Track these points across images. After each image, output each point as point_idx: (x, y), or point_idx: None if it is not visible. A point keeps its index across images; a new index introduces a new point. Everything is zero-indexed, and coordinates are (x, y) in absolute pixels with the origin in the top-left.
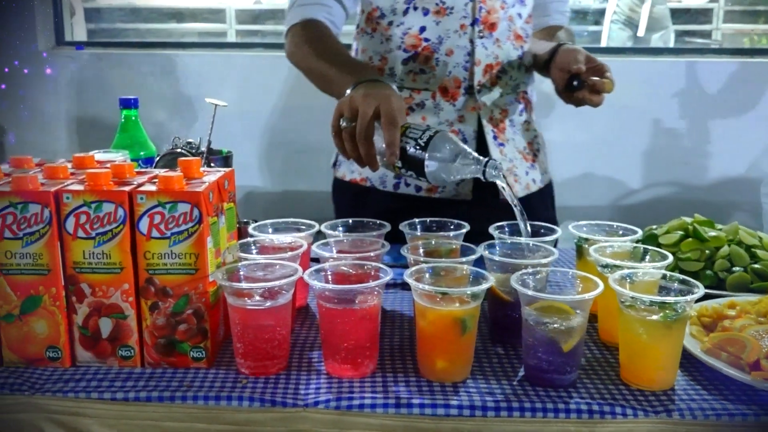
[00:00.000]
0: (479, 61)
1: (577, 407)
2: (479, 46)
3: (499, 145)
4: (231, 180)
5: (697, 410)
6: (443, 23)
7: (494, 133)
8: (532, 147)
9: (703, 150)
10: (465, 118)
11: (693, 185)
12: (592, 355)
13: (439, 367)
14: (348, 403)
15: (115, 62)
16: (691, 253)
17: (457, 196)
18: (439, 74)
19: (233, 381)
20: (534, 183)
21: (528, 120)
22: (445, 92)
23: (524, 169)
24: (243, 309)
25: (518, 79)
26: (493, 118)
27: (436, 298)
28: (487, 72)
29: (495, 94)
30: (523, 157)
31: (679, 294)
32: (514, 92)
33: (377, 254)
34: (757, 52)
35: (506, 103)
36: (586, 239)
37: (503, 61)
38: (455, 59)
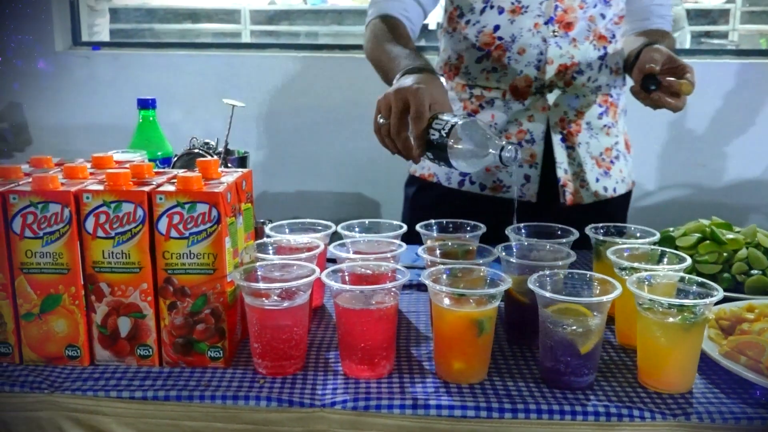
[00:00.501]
0: (551, 60)
1: (595, 409)
2: (552, 46)
3: (567, 147)
4: (248, 180)
5: (716, 414)
6: (517, 22)
7: (563, 135)
8: (610, 153)
9: (719, 152)
10: (534, 118)
11: (710, 187)
12: (609, 357)
13: (456, 368)
14: (365, 404)
15: (132, 62)
16: (709, 255)
17: (521, 197)
18: (510, 73)
19: (251, 381)
20: (604, 191)
21: (610, 124)
22: (515, 91)
23: (595, 175)
24: (261, 309)
25: (600, 81)
26: (565, 119)
27: (453, 300)
28: (561, 72)
29: (569, 95)
30: (596, 163)
31: (697, 297)
32: (594, 94)
33: (394, 255)
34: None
35: (583, 105)
36: (603, 241)
37: (580, 62)
38: (527, 58)
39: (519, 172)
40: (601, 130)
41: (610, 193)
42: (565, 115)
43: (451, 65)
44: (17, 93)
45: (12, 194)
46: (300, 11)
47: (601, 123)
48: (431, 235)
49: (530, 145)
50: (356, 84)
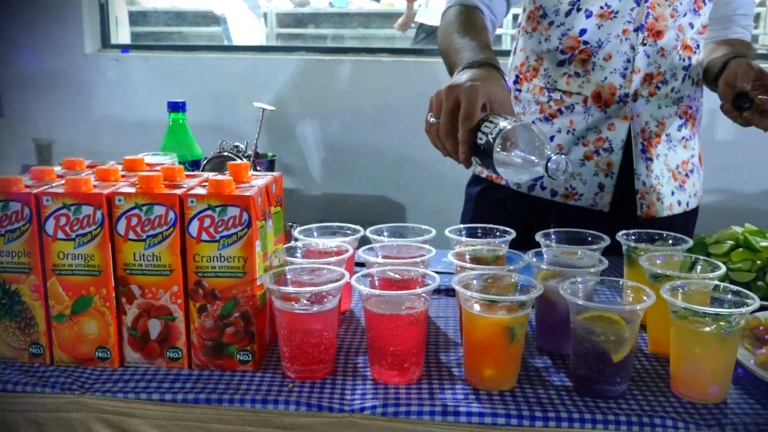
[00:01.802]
0: (639, 69)
1: (627, 419)
2: (641, 54)
3: (646, 159)
4: (279, 184)
5: (752, 425)
6: (605, 27)
7: (643, 146)
8: (686, 166)
9: (753, 157)
10: (615, 127)
11: (743, 193)
12: (641, 365)
13: (486, 375)
14: (395, 410)
15: (161, 65)
16: (742, 263)
17: (594, 206)
18: (594, 79)
19: (280, 384)
20: (678, 205)
21: (688, 137)
22: (598, 98)
23: (671, 188)
24: (290, 313)
25: (682, 92)
26: (646, 130)
27: (484, 306)
28: (646, 81)
29: (653, 106)
30: (672, 176)
31: (732, 306)
32: (675, 105)
33: (424, 260)
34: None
35: (665, 116)
36: (635, 248)
37: (666, 71)
38: (613, 65)
39: (593, 180)
40: (679, 142)
41: (683, 207)
42: (646, 125)
43: (529, 66)
44: (47, 95)
45: (45, 196)
46: (326, 14)
47: (680, 135)
48: (461, 239)
49: (608, 154)
50: (382, 87)
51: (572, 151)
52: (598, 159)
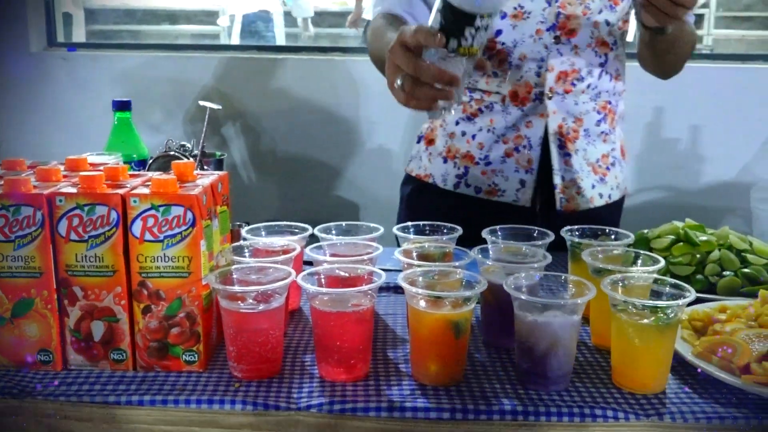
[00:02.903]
0: (552, 67)
1: (569, 410)
2: (554, 53)
3: (564, 155)
4: (225, 183)
5: (688, 413)
6: (519, 27)
7: (561, 142)
8: (607, 160)
9: (695, 155)
10: (533, 124)
11: (686, 190)
12: (584, 358)
13: (432, 370)
14: (341, 407)
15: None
16: (683, 257)
17: (516, 201)
18: (510, 78)
19: (226, 384)
20: (600, 198)
21: (607, 131)
22: (515, 97)
23: (591, 182)
24: (236, 312)
25: (600, 88)
26: (564, 126)
27: (429, 302)
28: (561, 79)
29: (569, 102)
30: (592, 170)
31: (670, 298)
32: (593, 101)
33: (371, 257)
34: (747, 58)
35: (582, 112)
36: (579, 243)
37: (581, 68)
38: (528, 64)
39: (515, 177)
40: (598, 137)
41: (605, 200)
42: (563, 121)
43: None
44: None
45: None
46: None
47: (599, 130)
48: (408, 237)
49: (527, 151)
50: (336, 86)
51: (493, 149)
52: (518, 156)
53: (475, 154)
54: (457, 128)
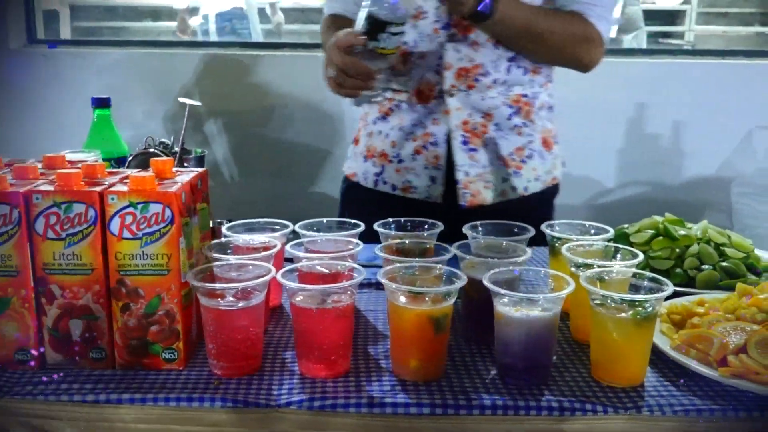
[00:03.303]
0: (450, 65)
1: (549, 404)
2: (450, 50)
3: (469, 150)
4: (204, 180)
5: (666, 406)
6: (419, 27)
7: (465, 138)
8: (522, 153)
9: (677, 150)
10: (438, 121)
11: (668, 184)
12: (564, 352)
13: (412, 366)
14: (321, 403)
15: (90, 61)
16: (662, 251)
17: (429, 198)
18: (414, 77)
19: (206, 382)
20: (514, 191)
21: (521, 124)
22: (420, 95)
23: (502, 175)
24: (216, 310)
25: (510, 82)
26: (469, 122)
27: (409, 298)
28: (461, 76)
29: (475, 98)
30: (503, 163)
31: (649, 292)
32: (503, 95)
33: (351, 254)
34: (728, 53)
35: (491, 106)
36: (559, 238)
37: (484, 64)
38: (427, 63)
39: (425, 173)
40: (511, 130)
41: (520, 192)
42: (469, 117)
43: None
44: None
45: None
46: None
47: (511, 123)
48: (389, 233)
49: (434, 148)
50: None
51: (405, 147)
52: (426, 153)
53: (389, 153)
54: (375, 127)
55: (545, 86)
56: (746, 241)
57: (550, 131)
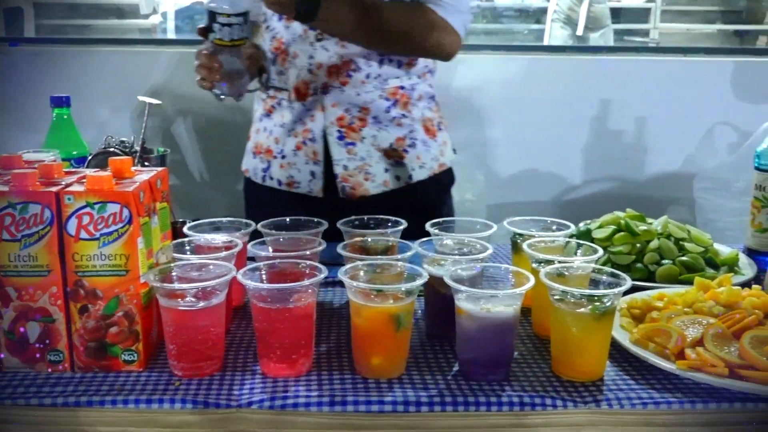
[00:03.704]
0: (320, 64)
1: (509, 400)
2: (319, 49)
3: (347, 144)
4: (164, 179)
5: (625, 400)
6: (291, 28)
7: (341, 133)
8: (403, 143)
9: (641, 146)
10: (315, 118)
11: (632, 180)
12: (525, 348)
13: (374, 363)
14: (282, 403)
15: (52, 59)
16: (623, 246)
17: (310, 192)
18: (291, 76)
19: (166, 383)
20: (398, 180)
21: (400, 116)
22: (298, 93)
23: (383, 166)
24: (175, 310)
25: (384, 75)
26: (345, 117)
27: (370, 296)
28: (333, 73)
29: (349, 94)
30: (384, 155)
31: (608, 287)
32: (378, 89)
33: (313, 252)
34: (690, 51)
35: (367, 101)
36: (521, 234)
37: (354, 60)
38: (300, 62)
39: (306, 168)
40: (390, 122)
41: (405, 181)
42: (345, 113)
43: None
44: None
45: None
46: None
47: (389, 116)
48: (352, 231)
49: (313, 144)
50: None
51: (287, 143)
52: (306, 149)
53: (273, 149)
54: (261, 124)
55: (424, 77)
56: (705, 236)
57: (431, 120)
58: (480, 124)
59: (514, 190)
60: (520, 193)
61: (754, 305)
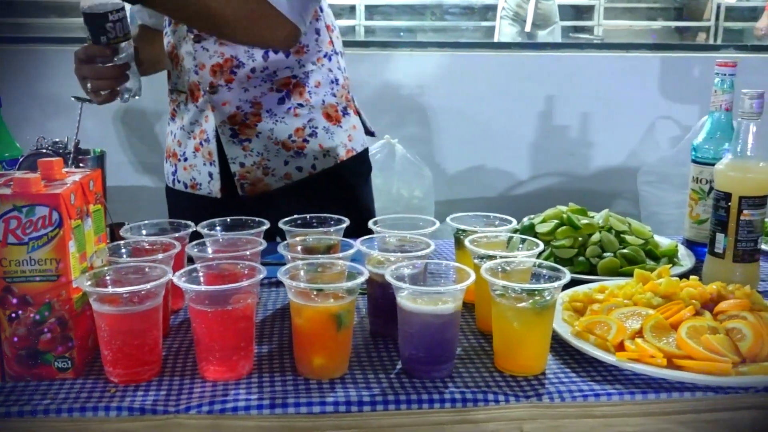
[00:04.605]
0: (203, 64)
1: (452, 396)
2: (199, 51)
3: (241, 141)
4: (97, 180)
5: (566, 392)
6: (177, 32)
7: (234, 131)
8: (302, 133)
9: (586, 141)
10: (209, 118)
11: (578, 175)
12: (469, 344)
13: (316, 364)
14: (221, 407)
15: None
16: (565, 240)
17: (210, 193)
18: (183, 79)
19: (102, 390)
20: (299, 171)
21: (296, 105)
22: (192, 94)
23: (283, 158)
24: (109, 315)
25: (272, 68)
26: (238, 114)
27: (310, 295)
28: (217, 72)
29: (237, 91)
30: (282, 147)
31: (548, 281)
32: (267, 82)
33: (253, 253)
34: (632, 47)
35: (257, 96)
36: (464, 230)
37: (236, 56)
38: (187, 64)
39: (204, 170)
40: (286, 113)
41: (308, 170)
42: (238, 110)
43: None
44: None
45: None
46: None
47: (284, 108)
48: (294, 230)
49: (207, 144)
50: None
51: (187, 145)
52: (203, 149)
53: (178, 152)
54: (168, 128)
55: (319, 62)
56: (645, 228)
57: (334, 106)
58: (427, 121)
59: (462, 186)
60: (468, 190)
61: (691, 296)
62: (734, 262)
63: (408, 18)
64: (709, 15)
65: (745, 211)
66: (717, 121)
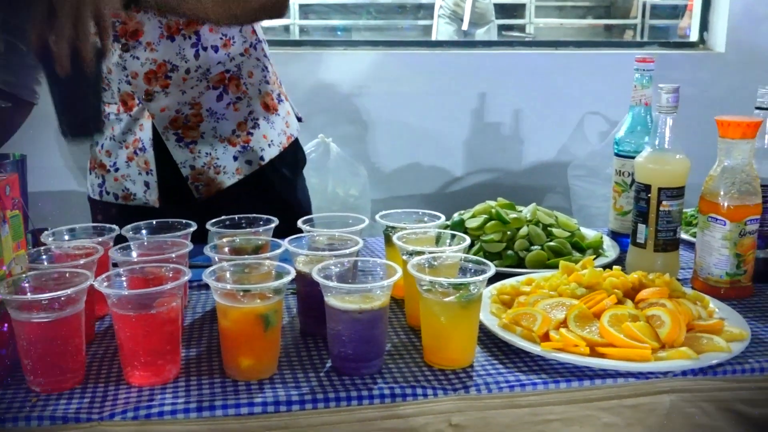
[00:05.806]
0: (135, 73)
1: (381, 392)
2: (129, 60)
3: (187, 144)
4: (14, 185)
5: (493, 384)
6: None
7: (179, 135)
8: (245, 126)
9: (517, 137)
10: (144, 127)
11: (511, 171)
12: (399, 339)
13: (244, 365)
14: (147, 412)
15: None
16: (494, 234)
17: (147, 203)
18: (113, 89)
19: (22, 400)
20: (249, 165)
21: (234, 99)
22: (125, 104)
23: (231, 154)
24: (28, 323)
25: (204, 66)
26: (179, 118)
27: (236, 296)
28: (151, 79)
29: (175, 95)
30: (229, 143)
31: (475, 274)
32: (202, 81)
33: (179, 255)
34: (561, 44)
35: (195, 96)
36: (393, 227)
37: (168, 60)
38: (116, 76)
39: (139, 179)
40: (226, 109)
41: (258, 163)
42: (177, 113)
43: None
44: None
45: None
46: None
47: (222, 104)
48: (222, 232)
49: (143, 153)
50: None
51: (119, 155)
52: (137, 159)
53: (107, 163)
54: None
55: (247, 53)
56: (572, 221)
57: (269, 94)
58: (362, 120)
59: (398, 184)
60: (404, 187)
61: (613, 285)
62: (655, 251)
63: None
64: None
65: (664, 202)
66: (637, 115)
